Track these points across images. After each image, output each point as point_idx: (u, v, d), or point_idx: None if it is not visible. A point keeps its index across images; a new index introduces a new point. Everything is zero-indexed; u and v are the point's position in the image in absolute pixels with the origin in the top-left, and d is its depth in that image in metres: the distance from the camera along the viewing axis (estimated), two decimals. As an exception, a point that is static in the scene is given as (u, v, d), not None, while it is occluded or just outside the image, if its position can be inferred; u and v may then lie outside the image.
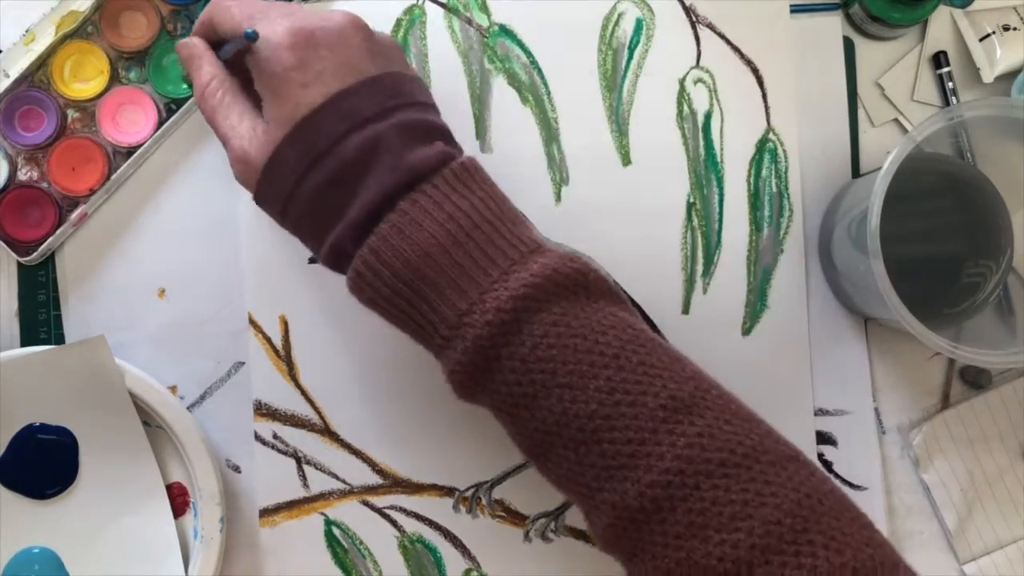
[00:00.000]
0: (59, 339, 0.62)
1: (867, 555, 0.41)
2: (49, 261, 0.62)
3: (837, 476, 0.62)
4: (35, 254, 0.61)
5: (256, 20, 0.48)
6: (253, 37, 0.47)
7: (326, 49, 0.47)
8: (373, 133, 0.46)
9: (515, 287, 0.44)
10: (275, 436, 0.62)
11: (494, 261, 0.45)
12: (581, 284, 0.45)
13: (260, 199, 0.49)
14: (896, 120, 0.63)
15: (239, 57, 0.50)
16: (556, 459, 0.45)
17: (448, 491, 0.62)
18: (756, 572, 0.40)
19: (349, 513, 0.62)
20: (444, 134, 0.49)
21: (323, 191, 0.46)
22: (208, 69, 0.50)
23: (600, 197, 0.62)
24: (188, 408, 0.61)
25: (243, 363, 0.62)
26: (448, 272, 0.45)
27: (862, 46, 0.63)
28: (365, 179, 0.46)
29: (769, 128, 0.62)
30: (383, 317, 0.49)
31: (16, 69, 0.60)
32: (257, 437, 0.62)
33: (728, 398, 0.45)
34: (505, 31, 0.62)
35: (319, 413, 0.62)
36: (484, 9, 0.62)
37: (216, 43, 0.52)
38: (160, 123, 0.61)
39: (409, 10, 0.62)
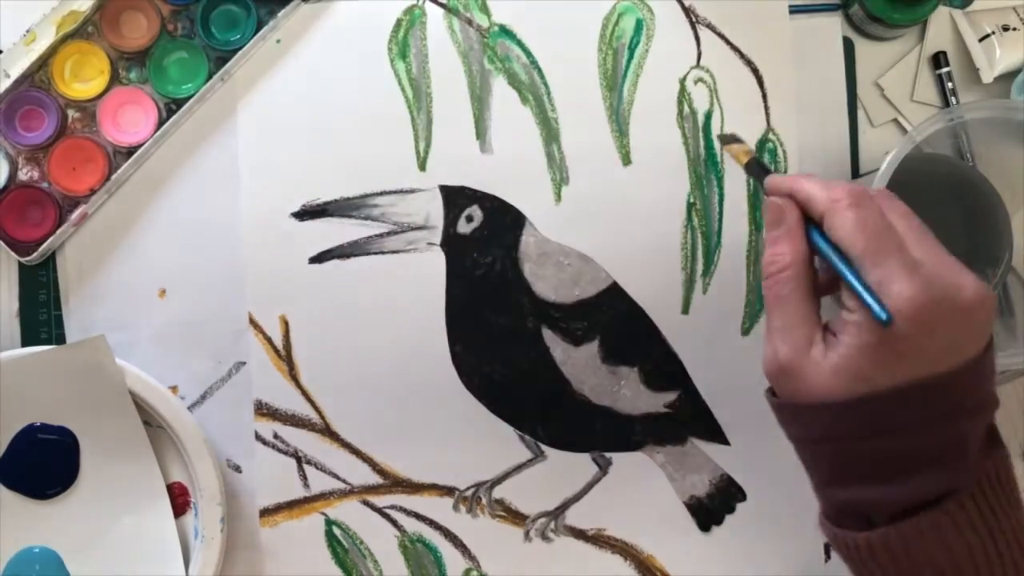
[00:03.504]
0: (59, 339, 0.62)
1: None
2: (49, 261, 0.62)
3: (837, 476, 0.62)
4: (35, 254, 0.61)
5: (879, 261, 0.41)
6: (887, 322, 0.40)
7: (946, 327, 0.41)
8: (960, 433, 0.42)
9: None
10: (275, 436, 0.62)
11: None
12: None
13: (790, 411, 0.45)
14: (896, 120, 0.63)
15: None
16: None
17: (448, 491, 0.62)
18: None
19: (349, 513, 0.62)
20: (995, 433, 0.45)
21: (876, 458, 0.42)
22: (792, 250, 0.44)
23: (600, 197, 0.62)
24: (188, 408, 0.61)
25: (243, 363, 0.62)
26: None
27: (862, 46, 0.63)
28: (929, 470, 0.42)
29: (769, 128, 0.62)
30: (854, 570, 0.45)
31: (16, 69, 0.60)
32: (257, 437, 0.62)
33: None
34: (505, 31, 0.62)
35: (319, 413, 0.62)
36: (484, 9, 0.62)
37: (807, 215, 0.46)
38: (160, 123, 0.61)
39: (409, 10, 0.62)
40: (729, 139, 0.59)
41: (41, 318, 0.62)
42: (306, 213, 0.62)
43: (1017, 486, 0.44)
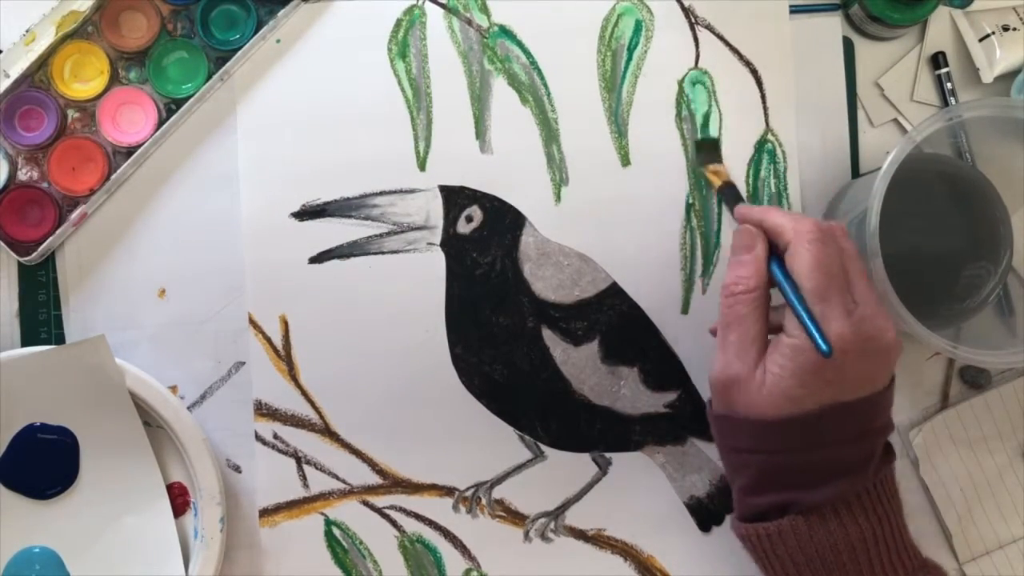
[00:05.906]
0: (59, 339, 0.62)
1: None
2: (49, 261, 0.62)
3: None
4: (35, 254, 0.61)
5: (826, 298, 0.47)
6: (827, 354, 0.47)
7: (867, 362, 0.48)
8: (869, 449, 0.50)
9: None
10: (275, 436, 0.62)
11: (895, 569, 0.50)
12: None
13: (728, 423, 0.51)
14: (895, 120, 0.63)
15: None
16: None
17: (448, 491, 0.62)
18: None
19: (349, 513, 0.62)
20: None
21: (797, 469, 0.49)
22: (754, 276, 0.50)
23: (600, 197, 0.62)
24: (188, 408, 0.61)
25: (243, 363, 0.62)
26: (863, 566, 0.50)
27: (861, 46, 0.63)
28: (839, 480, 0.49)
29: (768, 129, 0.62)
30: (762, 566, 0.52)
31: (16, 69, 0.60)
32: (257, 437, 0.62)
33: None
34: (505, 32, 0.62)
35: (319, 413, 0.62)
36: (484, 10, 0.62)
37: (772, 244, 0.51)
38: (160, 123, 0.61)
39: (409, 10, 0.62)
40: (710, 152, 0.59)
41: (41, 318, 0.62)
42: (306, 213, 0.62)
43: (897, 489, 0.52)
